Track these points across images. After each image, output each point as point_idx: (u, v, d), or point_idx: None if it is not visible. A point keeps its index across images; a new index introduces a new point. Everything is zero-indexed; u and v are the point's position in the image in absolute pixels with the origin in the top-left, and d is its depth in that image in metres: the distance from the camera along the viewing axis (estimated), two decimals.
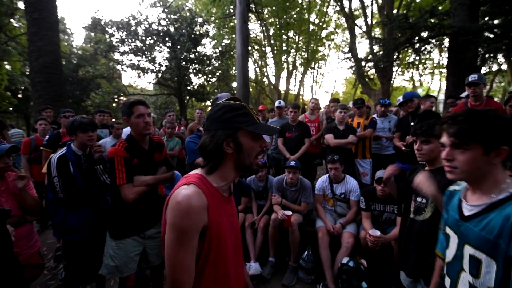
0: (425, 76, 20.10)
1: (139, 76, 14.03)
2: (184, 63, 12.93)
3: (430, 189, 1.40)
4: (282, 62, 18.31)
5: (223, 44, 14.24)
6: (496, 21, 4.99)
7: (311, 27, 17.04)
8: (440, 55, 16.52)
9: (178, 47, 12.28)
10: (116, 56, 13.46)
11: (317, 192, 2.94)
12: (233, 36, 15.00)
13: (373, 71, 8.59)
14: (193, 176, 0.84)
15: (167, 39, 12.54)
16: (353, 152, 3.54)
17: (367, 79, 8.84)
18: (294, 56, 18.63)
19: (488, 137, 0.83)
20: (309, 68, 20.52)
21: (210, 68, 13.99)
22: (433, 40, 5.35)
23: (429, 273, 1.50)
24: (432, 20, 4.80)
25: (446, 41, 10.51)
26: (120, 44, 12.48)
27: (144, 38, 12.54)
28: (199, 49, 13.52)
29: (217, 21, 13.86)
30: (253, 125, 0.86)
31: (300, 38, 17.66)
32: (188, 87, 14.07)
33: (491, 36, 4.68)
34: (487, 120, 0.84)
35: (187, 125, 5.31)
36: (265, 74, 20.41)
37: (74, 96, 15.44)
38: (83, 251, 1.90)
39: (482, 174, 0.87)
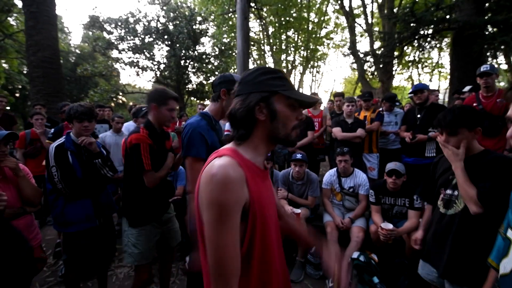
0: (424, 76, 20.12)
1: (138, 74, 13.91)
2: (183, 61, 12.83)
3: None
4: (281, 61, 18.25)
5: (222, 41, 14.15)
6: (500, 17, 4.94)
7: (311, 26, 17.01)
8: (439, 55, 16.60)
9: (177, 45, 12.17)
10: (115, 54, 13.35)
11: (325, 186, 2.87)
12: (232, 35, 14.98)
13: (374, 68, 8.54)
14: (224, 149, 0.74)
15: (166, 36, 12.43)
16: (360, 146, 3.47)
17: (370, 76, 8.77)
18: (293, 55, 18.59)
19: None
20: (308, 67, 20.48)
21: (209, 67, 13.90)
22: (437, 36, 5.30)
23: (469, 278, 1.35)
24: (438, 14, 4.75)
25: (445, 40, 10.57)
26: (119, 42, 12.37)
27: (142, 35, 12.43)
28: (199, 47, 13.44)
29: (215, 19, 13.77)
30: (290, 90, 0.75)
31: (300, 37, 17.61)
32: (187, 86, 13.97)
33: (495, 31, 4.64)
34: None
35: None
36: None
37: (72, 94, 15.29)
38: (84, 245, 1.81)
39: None
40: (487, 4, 4.72)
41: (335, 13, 17.34)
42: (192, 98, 15.70)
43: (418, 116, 3.02)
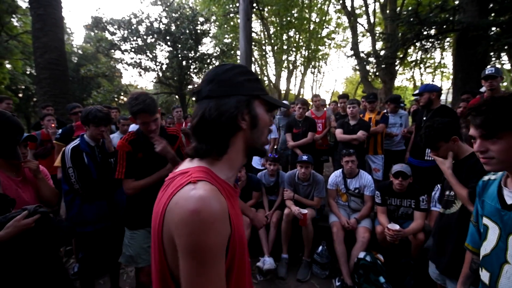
0: (426, 76, 20.10)
1: (140, 75, 14.02)
2: (185, 61, 12.89)
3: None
4: (283, 61, 18.28)
5: (224, 42, 14.21)
6: (503, 18, 4.96)
7: (312, 26, 17.03)
8: (442, 55, 16.58)
9: (179, 45, 12.24)
10: (117, 54, 13.45)
11: (330, 187, 2.91)
12: (234, 35, 15.02)
13: (376, 69, 8.55)
14: (195, 170, 0.58)
15: (168, 37, 12.49)
16: (364, 148, 3.50)
17: (372, 76, 8.79)
18: (294, 55, 18.61)
19: None
20: (309, 67, 20.50)
21: (211, 68, 13.94)
22: (440, 37, 5.33)
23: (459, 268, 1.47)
24: (442, 16, 4.77)
25: (447, 40, 10.56)
26: (121, 43, 12.44)
27: (145, 36, 12.51)
28: (200, 48, 13.50)
29: (217, 19, 13.81)
30: (267, 95, 0.67)
31: (301, 37, 17.63)
32: (189, 86, 14.03)
33: (498, 32, 4.66)
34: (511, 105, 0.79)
35: None
36: (265, 73, 20.39)
37: (75, 95, 15.37)
38: (99, 243, 1.88)
39: None
40: (491, 5, 4.75)
41: (337, 13, 17.34)
42: (194, 99, 15.76)
43: (424, 118, 3.04)
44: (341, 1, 13.61)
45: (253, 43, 16.70)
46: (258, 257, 2.69)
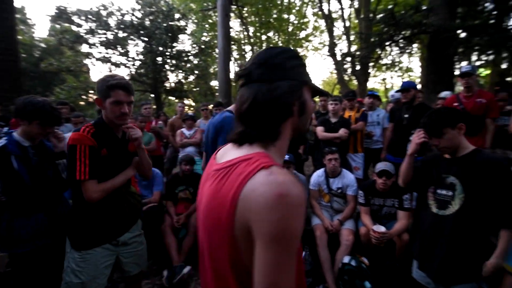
0: (396, 79, 21.20)
1: (110, 71, 13.13)
2: (160, 58, 12.29)
3: None
4: None
5: (202, 40, 13.79)
6: (469, 22, 5.21)
7: (291, 27, 17.19)
8: (409, 60, 17.62)
9: (154, 41, 11.63)
10: (85, 48, 12.49)
11: (312, 188, 2.76)
12: (212, 33, 14.67)
13: (352, 70, 8.73)
14: (260, 156, 0.55)
15: (141, 32, 11.83)
16: (345, 146, 3.41)
17: (349, 76, 8.96)
18: None
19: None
20: None
21: (188, 65, 13.46)
22: (414, 39, 5.52)
23: (458, 274, 1.37)
24: (415, 17, 4.91)
25: (414, 46, 11.12)
26: (89, 36, 11.55)
27: (116, 30, 11.73)
28: (177, 44, 12.97)
29: (195, 16, 13.39)
30: (312, 81, 0.65)
31: (280, 38, 17.70)
32: (165, 84, 13.41)
33: (467, 35, 4.90)
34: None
35: (167, 121, 4.91)
36: None
37: (36, 92, 14.02)
38: (35, 267, 1.49)
39: None
40: (459, 9, 4.98)
41: (314, 16, 17.67)
42: (171, 97, 15.12)
43: (406, 116, 3.01)
44: (318, 5, 13.85)
45: (232, 42, 16.44)
46: None
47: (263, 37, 16.99)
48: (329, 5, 13.75)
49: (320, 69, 58.22)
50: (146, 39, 11.95)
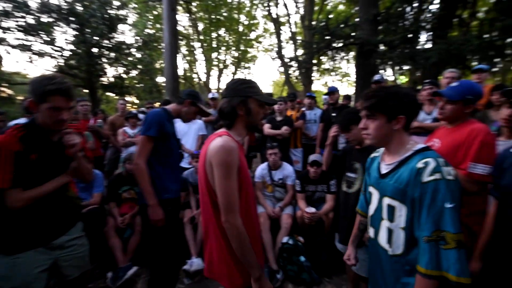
0: (336, 83, 23.51)
1: (31, 61, 11.22)
2: (96, 49, 11.11)
3: None
4: (212, 59, 18.07)
5: (145, 33, 12.95)
6: (387, 38, 6.24)
7: (241, 27, 17.44)
8: (347, 66, 19.78)
9: (88, 29, 10.45)
10: None
11: (257, 180, 3.02)
12: (158, 26, 13.88)
13: (297, 73, 9.45)
14: (221, 132, 1.12)
15: (72, 18, 10.47)
16: (287, 142, 3.79)
17: (295, 80, 9.64)
18: (224, 55, 18.66)
19: (389, 108, 1.02)
20: (240, 68, 20.94)
21: (130, 59, 12.48)
22: (346, 49, 6.36)
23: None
24: (346, 30, 5.68)
25: (351, 53, 12.67)
26: (2, 18, 9.69)
27: (38, 14, 10.11)
28: (117, 35, 11.88)
29: (137, 6, 12.49)
30: (260, 95, 1.16)
31: (231, 37, 17.81)
32: (102, 79, 12.16)
33: (385, 48, 5.88)
34: (389, 94, 1.03)
35: (105, 118, 4.55)
36: (195, 70, 19.72)
37: None
38: None
39: (389, 138, 1.06)
40: (380, 27, 5.95)
41: (264, 18, 18.27)
42: (109, 94, 13.78)
43: (333, 114, 3.51)
44: (267, 8, 14.44)
45: (180, 37, 15.87)
46: (184, 260, 2.54)
47: (214, 35, 16.85)
48: (277, 8, 14.46)
49: (270, 70, 60.10)
50: (77, 26, 10.64)
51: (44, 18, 10.25)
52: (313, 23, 9.38)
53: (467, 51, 4.51)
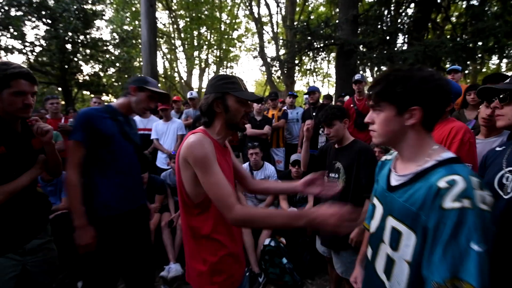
0: (317, 83, 23.95)
1: None
2: (70, 46, 10.53)
3: None
4: (194, 57, 17.73)
5: (124, 29, 12.45)
6: (366, 39, 6.39)
7: (223, 26, 17.27)
8: (328, 66, 20.21)
9: (61, 24, 9.87)
10: None
11: None
12: (137, 22, 13.40)
13: (279, 72, 9.49)
14: (197, 129, 1.07)
15: (43, 12, 9.85)
16: (269, 142, 3.75)
17: (277, 79, 9.67)
18: (206, 53, 18.39)
19: (398, 96, 0.75)
20: (222, 67, 20.74)
21: (107, 56, 11.95)
22: (326, 49, 6.45)
23: (341, 243, 1.69)
24: (326, 30, 5.75)
25: (332, 55, 12.95)
26: None
27: (6, 7, 9.42)
28: (93, 32, 11.32)
29: (114, 1, 11.98)
30: (239, 91, 1.04)
31: (212, 36, 17.58)
32: (77, 76, 11.54)
33: (364, 49, 6.02)
34: (399, 78, 0.76)
35: None
36: (176, 69, 19.26)
37: None
38: None
39: (400, 138, 0.80)
40: (359, 28, 6.09)
41: (246, 18, 18.21)
42: (85, 92, 13.12)
43: (314, 114, 3.51)
44: (249, 7, 14.39)
45: (160, 35, 15.43)
46: (162, 266, 2.42)
47: (195, 33, 16.54)
48: (258, 8, 14.44)
49: (252, 70, 60.12)
50: (49, 21, 10.02)
51: (13, 12, 9.57)
52: (295, 23, 9.44)
53: (441, 53, 4.70)
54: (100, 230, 1.41)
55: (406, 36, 6.29)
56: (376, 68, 5.94)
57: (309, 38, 5.95)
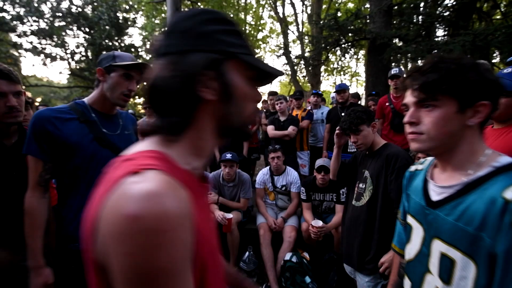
0: (345, 82, 22.96)
1: (44, 64, 11.54)
2: (104, 52, 11.21)
3: None
4: None
5: (154, 34, 12.98)
6: (402, 31, 5.82)
7: (248, 28, 17.27)
8: (356, 65, 19.26)
9: (97, 32, 10.55)
10: (13, 38, 10.78)
11: (258, 186, 2.72)
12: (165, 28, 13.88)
13: (304, 72, 9.15)
14: (142, 156, 0.38)
15: (82, 21, 10.63)
16: (294, 144, 3.47)
17: (301, 78, 9.35)
18: None
19: (464, 89, 0.60)
20: None
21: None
22: (356, 44, 6.00)
23: (371, 263, 1.43)
24: (356, 23, 5.32)
25: (361, 52, 12.22)
26: (16, 22, 9.93)
27: (51, 18, 10.33)
28: (126, 38, 12.00)
29: (145, 8, 12.55)
30: (251, 56, 0.46)
31: None
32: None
33: (400, 43, 5.47)
34: (462, 66, 0.61)
35: None
36: None
37: None
38: None
39: (455, 142, 0.64)
40: (393, 21, 5.55)
41: (270, 19, 18.08)
42: None
43: (342, 114, 3.17)
44: (273, 7, 14.21)
45: None
46: None
47: None
48: (283, 9, 14.20)
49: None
50: (87, 29, 10.78)
51: (57, 23, 10.47)
52: (321, 19, 9.06)
53: (494, 43, 4.05)
54: (70, 266, 1.05)
55: (446, 27, 5.61)
56: (410, 64, 5.34)
57: (337, 33, 5.54)
